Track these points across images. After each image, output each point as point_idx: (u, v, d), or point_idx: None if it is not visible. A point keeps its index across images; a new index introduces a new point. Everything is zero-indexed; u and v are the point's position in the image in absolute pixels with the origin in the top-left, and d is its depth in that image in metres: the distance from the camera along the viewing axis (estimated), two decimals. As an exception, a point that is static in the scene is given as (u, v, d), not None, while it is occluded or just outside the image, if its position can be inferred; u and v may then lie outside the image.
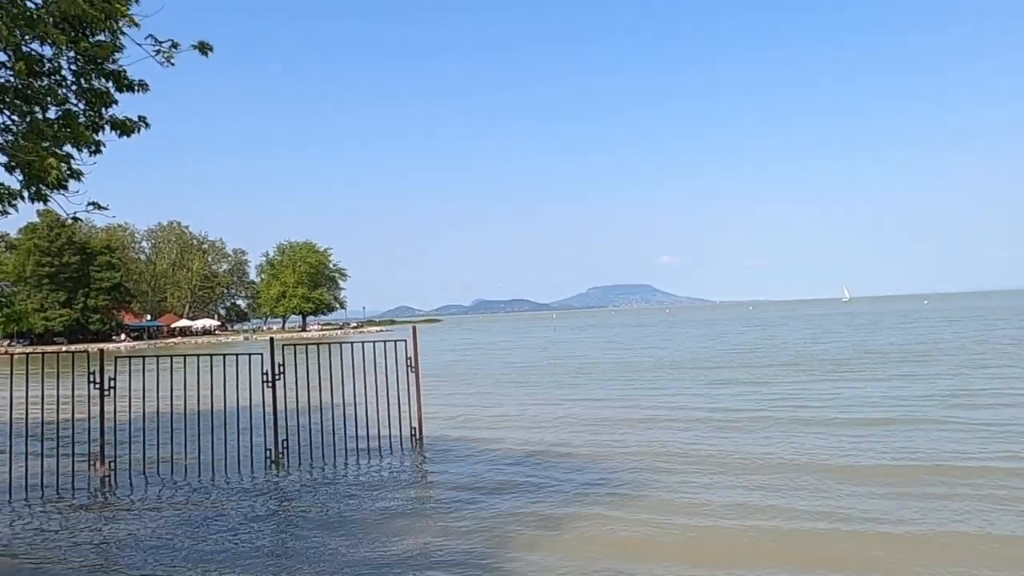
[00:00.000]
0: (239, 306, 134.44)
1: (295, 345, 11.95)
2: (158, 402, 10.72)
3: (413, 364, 11.96)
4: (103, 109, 7.79)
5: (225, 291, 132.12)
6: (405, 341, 11.97)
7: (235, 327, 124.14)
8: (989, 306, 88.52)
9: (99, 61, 7.52)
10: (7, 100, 7.25)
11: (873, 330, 46.43)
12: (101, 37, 7.39)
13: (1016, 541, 6.75)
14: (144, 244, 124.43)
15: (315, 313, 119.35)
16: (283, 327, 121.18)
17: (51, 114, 7.55)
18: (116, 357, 10.65)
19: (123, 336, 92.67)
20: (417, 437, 12.14)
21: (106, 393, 10.17)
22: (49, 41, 6.84)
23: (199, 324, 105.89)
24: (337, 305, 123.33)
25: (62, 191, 7.51)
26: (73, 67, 7.56)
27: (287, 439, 11.11)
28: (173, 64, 7.41)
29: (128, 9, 7.24)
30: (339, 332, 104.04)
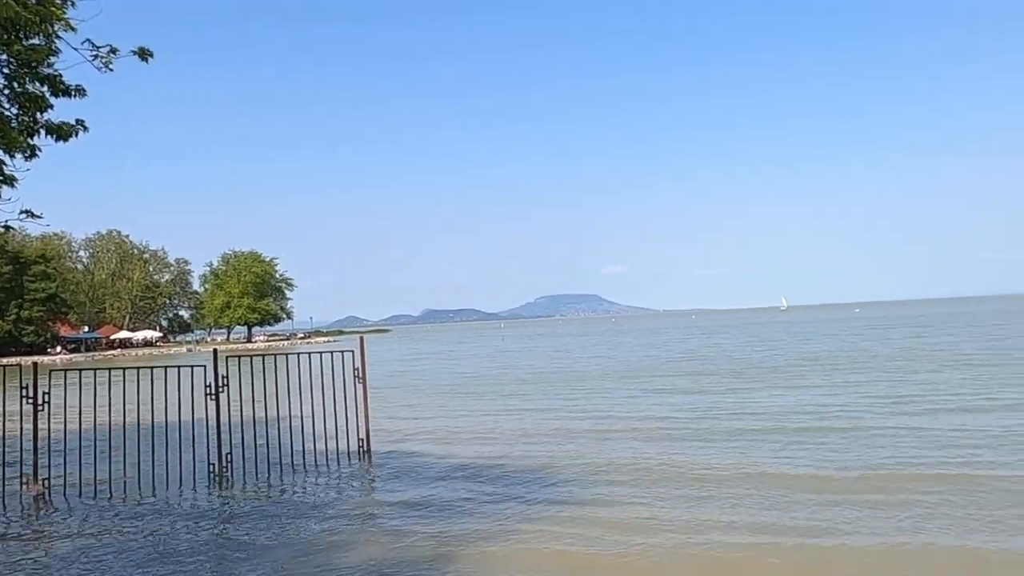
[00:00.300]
0: (182, 317, 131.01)
1: (240, 357, 11.71)
2: (95, 417, 10.33)
3: (361, 375, 11.82)
4: (38, 113, 7.56)
5: (167, 301, 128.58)
6: (352, 352, 11.83)
7: (178, 339, 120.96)
8: (933, 313, 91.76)
9: (33, 65, 7.29)
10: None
11: (811, 337, 47.88)
12: (36, 41, 7.17)
13: (967, 552, 6.95)
14: (82, 253, 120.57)
15: (261, 324, 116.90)
16: (228, 338, 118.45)
17: (-19, 119, 7.28)
18: (51, 371, 10.28)
19: (59, 349, 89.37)
20: (365, 450, 11.99)
21: (40, 408, 9.79)
22: (-21, 44, 6.61)
23: (140, 336, 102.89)
24: (284, 315, 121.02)
25: (-7, 198, 7.25)
26: (5, 70, 7.32)
27: (231, 453, 10.85)
28: (112, 70, 7.25)
29: (64, 13, 7.04)
30: (286, 343, 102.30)
